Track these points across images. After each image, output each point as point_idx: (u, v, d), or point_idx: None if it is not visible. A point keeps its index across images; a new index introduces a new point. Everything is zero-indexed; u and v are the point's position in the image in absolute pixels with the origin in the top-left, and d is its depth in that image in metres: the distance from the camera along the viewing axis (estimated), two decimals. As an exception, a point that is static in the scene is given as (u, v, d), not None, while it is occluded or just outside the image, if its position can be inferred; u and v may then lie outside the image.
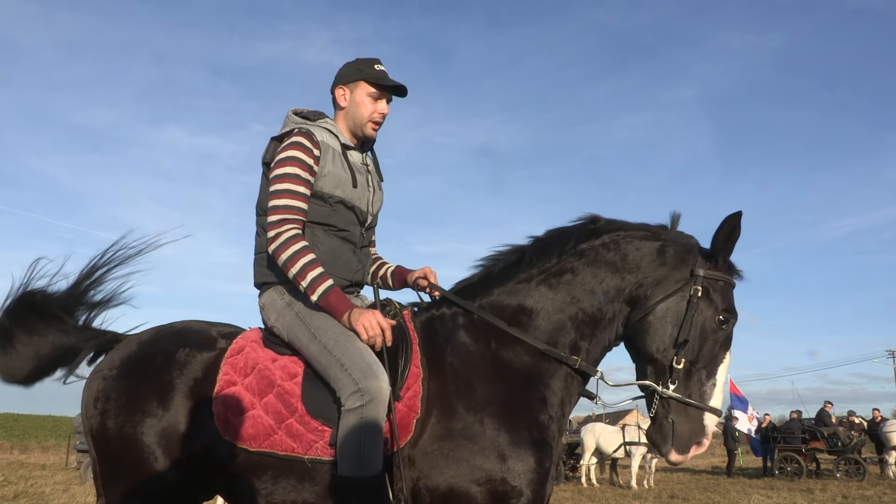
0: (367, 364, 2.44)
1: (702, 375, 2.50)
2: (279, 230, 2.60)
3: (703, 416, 2.47)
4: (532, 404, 2.53)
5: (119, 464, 2.64)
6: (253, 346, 2.72)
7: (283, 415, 2.53)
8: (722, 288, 2.57)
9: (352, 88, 2.86)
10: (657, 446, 2.51)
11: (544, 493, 2.48)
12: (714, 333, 2.52)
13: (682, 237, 2.67)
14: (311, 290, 2.56)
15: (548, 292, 2.64)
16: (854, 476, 17.14)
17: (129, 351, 2.81)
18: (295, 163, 2.64)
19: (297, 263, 2.56)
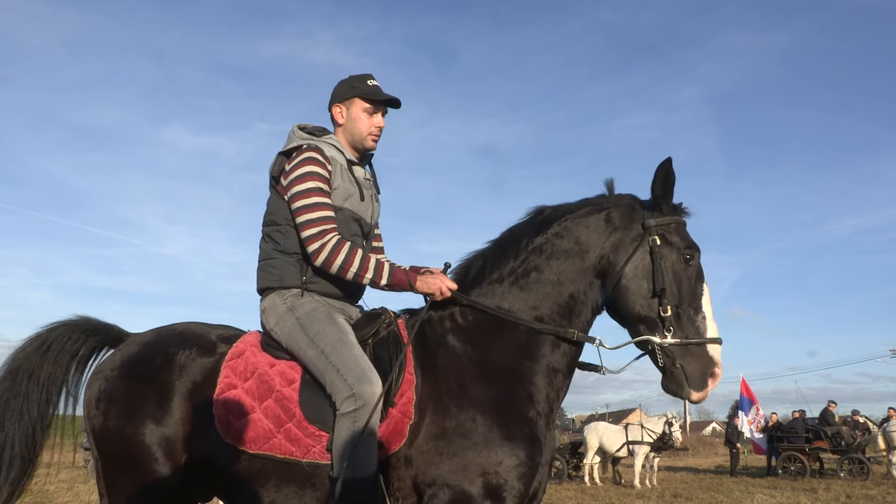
0: (361, 370, 2.54)
1: (690, 314, 2.60)
2: (323, 241, 2.70)
3: (706, 350, 2.56)
4: (520, 401, 2.63)
5: (120, 464, 2.71)
6: (252, 351, 2.80)
7: (281, 419, 2.62)
8: (676, 229, 2.70)
9: (348, 106, 2.98)
10: (676, 394, 2.58)
11: (532, 485, 2.58)
12: (685, 272, 2.64)
13: (622, 198, 2.82)
14: (378, 278, 2.73)
15: (521, 294, 2.75)
16: (858, 476, 17.07)
17: (131, 352, 2.87)
18: (317, 177, 2.76)
19: (353, 263, 2.70)
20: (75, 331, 3.00)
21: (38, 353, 2.90)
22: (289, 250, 2.81)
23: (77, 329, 3.01)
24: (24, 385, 2.86)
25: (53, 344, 2.93)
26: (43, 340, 2.94)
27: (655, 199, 2.72)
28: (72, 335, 2.97)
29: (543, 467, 2.64)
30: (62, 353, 2.92)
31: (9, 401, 2.86)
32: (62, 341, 2.94)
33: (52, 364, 2.90)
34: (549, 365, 2.69)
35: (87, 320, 3.07)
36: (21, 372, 2.88)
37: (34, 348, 2.92)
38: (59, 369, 2.91)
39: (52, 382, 2.89)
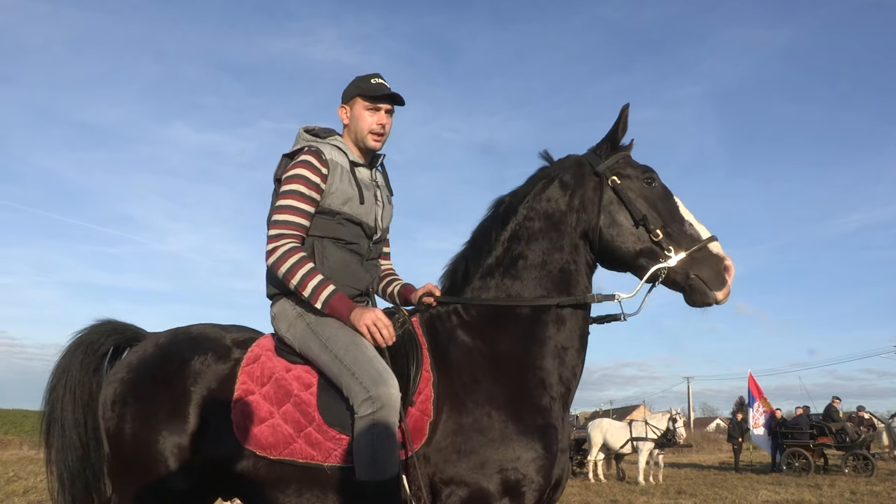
0: (377, 371, 2.52)
1: (677, 227, 2.68)
2: (276, 244, 2.71)
3: (709, 250, 2.63)
4: (533, 391, 2.63)
5: (133, 466, 2.71)
6: (268, 356, 2.80)
7: (301, 424, 2.61)
8: (627, 162, 2.80)
9: (351, 105, 2.98)
10: (703, 304, 2.62)
11: (552, 475, 2.58)
12: (654, 193, 2.73)
13: (565, 161, 2.89)
14: (314, 299, 2.67)
15: (513, 283, 2.77)
16: (862, 472, 17.07)
17: (147, 355, 2.88)
18: (300, 180, 2.75)
19: (296, 274, 2.67)
20: (98, 333, 3.02)
21: (70, 363, 2.94)
22: None
23: (98, 331, 3.03)
24: (62, 395, 2.90)
25: (79, 351, 2.96)
26: (74, 348, 2.98)
27: (609, 141, 2.80)
28: (97, 338, 3.00)
29: (563, 453, 2.63)
30: (88, 358, 2.95)
31: (53, 418, 2.90)
32: (88, 347, 2.97)
33: (82, 370, 2.92)
34: (556, 345, 2.69)
35: (108, 322, 3.09)
36: (58, 386, 2.92)
37: (67, 357, 2.97)
38: (87, 375, 2.93)
39: (84, 391, 2.91)
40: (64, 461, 2.85)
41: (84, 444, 2.87)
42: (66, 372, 2.93)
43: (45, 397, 2.95)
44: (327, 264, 2.77)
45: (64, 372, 2.93)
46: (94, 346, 2.97)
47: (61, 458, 2.86)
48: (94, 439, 2.89)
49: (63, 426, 2.86)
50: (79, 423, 2.87)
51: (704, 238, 2.65)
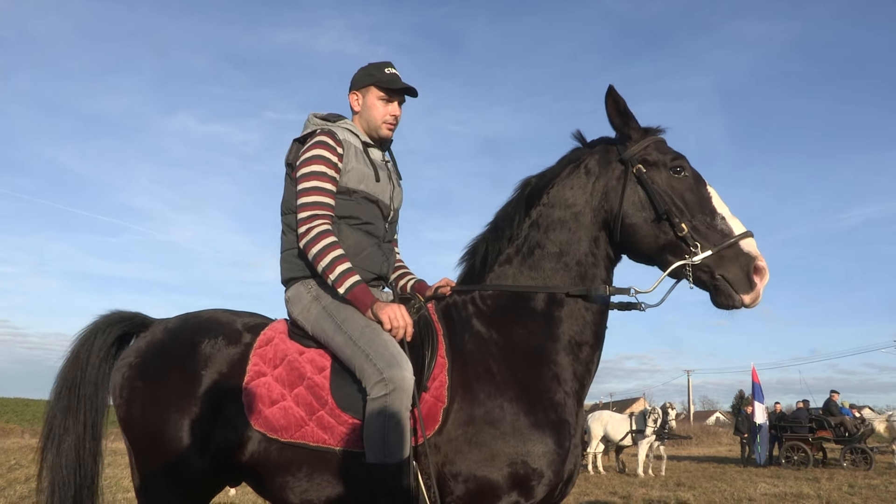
0: (391, 354, 2.49)
1: (707, 221, 2.49)
2: (310, 225, 2.68)
3: (740, 248, 2.44)
4: (547, 384, 2.57)
5: (146, 449, 2.73)
6: (282, 338, 2.78)
7: (314, 407, 2.59)
8: (655, 148, 2.62)
9: (364, 93, 2.96)
10: (728, 306, 2.43)
11: (564, 471, 2.53)
12: (682, 183, 2.56)
13: (594, 145, 2.76)
14: (339, 283, 2.64)
15: (531, 273, 2.70)
16: (860, 465, 17.14)
17: (156, 339, 2.87)
18: (321, 161, 2.73)
19: (326, 257, 2.64)
20: (104, 324, 3.01)
21: (76, 360, 2.92)
22: None
23: (105, 322, 3.02)
24: (67, 397, 2.88)
25: (85, 346, 2.94)
26: (80, 345, 2.95)
27: (618, 129, 2.67)
28: (103, 329, 2.98)
29: (576, 448, 2.58)
30: (95, 352, 2.93)
31: (56, 419, 2.87)
32: (94, 340, 2.95)
33: (89, 365, 2.90)
34: (571, 340, 2.62)
35: (114, 312, 3.08)
36: (63, 386, 2.90)
37: (74, 355, 2.94)
38: (94, 369, 2.91)
39: (90, 385, 2.89)
40: (57, 468, 2.81)
41: (79, 448, 2.84)
42: (74, 368, 2.90)
43: (50, 404, 2.92)
44: (343, 247, 2.73)
45: (71, 368, 2.91)
46: (101, 337, 2.96)
47: (56, 465, 2.82)
48: (91, 439, 2.86)
49: (64, 428, 2.83)
50: (80, 423, 2.84)
51: (737, 234, 2.45)
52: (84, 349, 2.93)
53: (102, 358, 2.94)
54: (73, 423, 2.84)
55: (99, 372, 2.91)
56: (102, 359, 2.93)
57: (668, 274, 2.53)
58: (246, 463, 2.67)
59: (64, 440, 2.83)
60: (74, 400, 2.87)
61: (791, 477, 14.71)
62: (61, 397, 2.89)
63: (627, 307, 2.72)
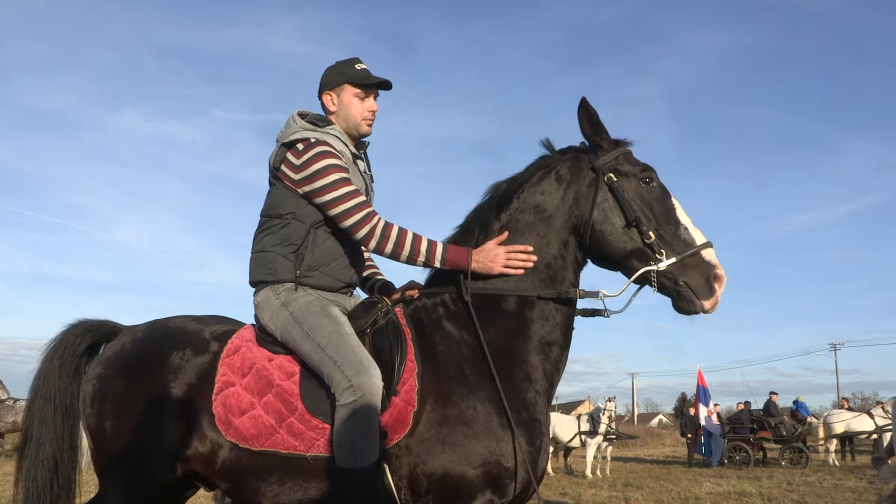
0: (359, 361, 2.51)
1: (671, 230, 2.63)
2: (370, 224, 2.68)
3: (702, 257, 2.59)
4: (519, 384, 2.62)
5: (116, 461, 2.71)
6: (248, 346, 2.77)
7: (283, 414, 2.59)
8: (624, 159, 2.74)
9: (338, 92, 2.93)
10: (689, 312, 2.57)
11: (537, 468, 2.59)
12: (650, 193, 2.69)
13: (565, 152, 2.86)
14: (431, 261, 2.68)
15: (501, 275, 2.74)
16: (798, 464, 17.80)
17: (124, 350, 2.84)
18: (340, 169, 2.73)
19: (404, 246, 2.68)
20: (72, 335, 2.99)
21: (48, 371, 2.92)
22: (287, 244, 2.76)
23: (73, 332, 3.00)
24: (40, 409, 2.87)
25: (55, 358, 2.93)
26: (50, 356, 2.94)
27: (590, 139, 2.77)
28: (72, 341, 2.96)
29: (546, 446, 2.65)
30: (66, 363, 2.92)
31: (29, 435, 2.86)
32: (63, 350, 2.94)
33: (60, 377, 2.89)
34: (542, 340, 2.70)
35: (82, 321, 3.06)
36: (37, 398, 2.89)
37: (44, 367, 2.93)
38: (67, 379, 2.90)
39: (65, 396, 2.88)
40: (33, 478, 2.81)
41: (57, 458, 2.83)
42: (45, 380, 2.90)
43: (25, 413, 2.92)
44: (317, 253, 2.75)
45: (43, 381, 2.90)
46: (71, 348, 2.94)
47: (31, 474, 2.81)
48: (68, 450, 2.86)
49: (39, 441, 2.82)
50: (57, 434, 2.84)
51: (699, 244, 2.60)
52: (55, 360, 2.91)
53: (74, 369, 2.92)
54: (50, 435, 2.83)
55: (72, 382, 2.90)
56: (74, 369, 2.92)
57: (633, 280, 2.63)
58: (218, 470, 2.66)
59: (41, 451, 2.81)
60: (49, 411, 2.85)
61: (734, 476, 15.14)
62: (35, 409, 2.87)
63: (592, 314, 2.81)
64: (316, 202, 2.73)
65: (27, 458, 2.84)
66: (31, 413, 2.89)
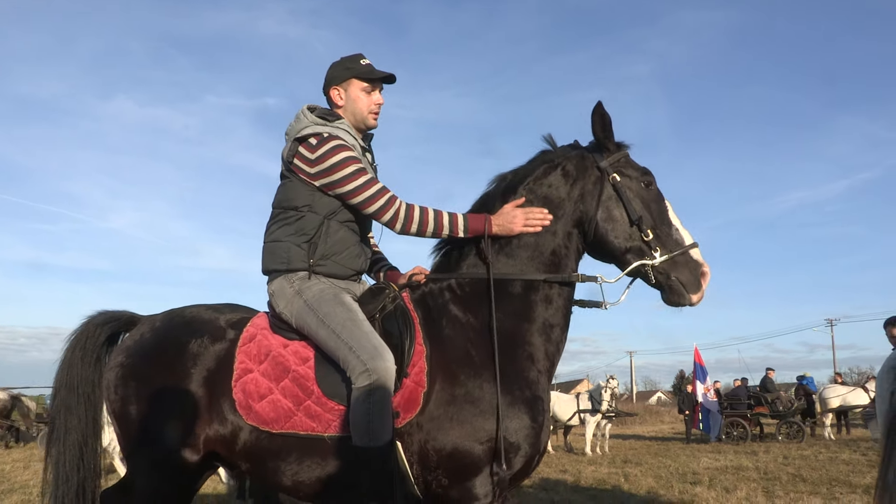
0: (373, 346, 2.66)
1: (665, 230, 2.86)
2: (394, 206, 2.84)
3: (690, 255, 2.83)
4: (521, 364, 2.79)
5: (141, 443, 2.86)
6: (264, 334, 2.91)
7: (300, 397, 2.74)
8: (627, 162, 2.95)
9: (345, 87, 3.04)
10: (678, 304, 2.82)
11: (539, 444, 2.75)
12: (649, 195, 2.91)
13: (569, 150, 3.02)
14: (455, 231, 2.85)
15: (508, 261, 2.91)
16: (794, 438, 18.10)
17: (145, 340, 2.98)
18: (355, 160, 2.86)
19: (428, 223, 2.85)
20: (92, 325, 3.12)
21: (71, 362, 3.05)
22: (301, 234, 2.88)
23: (93, 324, 3.13)
24: (65, 397, 3.01)
25: (77, 348, 3.07)
26: (72, 347, 3.08)
27: (599, 141, 2.94)
28: (93, 332, 3.10)
29: (547, 422, 2.82)
30: (87, 352, 3.05)
31: (58, 417, 3.01)
32: (85, 342, 3.07)
33: (83, 366, 3.03)
34: (545, 322, 2.86)
35: (101, 313, 3.20)
36: (61, 387, 3.03)
37: (67, 357, 3.07)
38: (89, 368, 3.04)
39: (87, 385, 3.02)
40: (62, 462, 2.95)
41: (82, 443, 2.98)
42: (68, 370, 3.03)
43: (51, 403, 3.07)
44: (329, 242, 2.89)
45: (66, 371, 3.04)
46: (92, 339, 3.08)
47: (60, 459, 2.96)
48: (92, 435, 3.01)
49: (66, 428, 2.97)
50: (81, 420, 2.99)
51: (687, 244, 2.83)
52: (77, 350, 3.05)
53: (96, 358, 3.06)
54: (75, 422, 2.97)
55: (94, 371, 3.04)
56: (96, 359, 3.06)
57: (629, 273, 2.84)
58: (239, 451, 2.81)
59: (68, 437, 2.96)
60: (73, 399, 2.99)
61: (731, 451, 15.38)
62: (60, 398, 3.01)
63: (588, 305, 3.00)
64: (335, 192, 2.86)
65: (55, 444, 2.98)
66: (56, 401, 3.03)
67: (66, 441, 2.96)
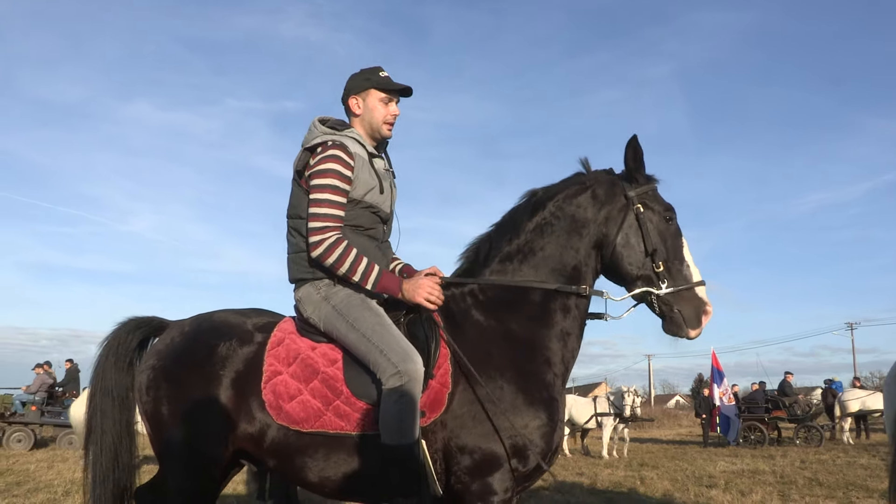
0: (402, 349, 2.80)
1: (677, 265, 2.99)
2: (323, 236, 2.93)
3: (696, 293, 2.96)
4: (539, 367, 2.95)
5: (173, 443, 3.00)
6: (292, 338, 3.06)
7: (329, 398, 2.89)
8: (654, 196, 3.08)
9: (364, 97, 3.19)
10: (676, 335, 2.96)
11: (554, 442, 2.91)
12: (668, 230, 3.03)
13: (602, 175, 3.15)
14: (364, 281, 2.94)
15: (530, 270, 3.05)
16: (812, 442, 18.02)
17: (175, 343, 3.13)
18: (335, 175, 2.97)
19: (345, 262, 2.92)
20: (124, 331, 3.28)
21: (105, 367, 3.20)
22: None
23: (125, 330, 3.29)
24: (100, 402, 3.16)
25: (110, 354, 3.22)
26: (105, 353, 3.23)
27: (630, 171, 3.08)
28: (125, 338, 3.25)
29: (561, 422, 2.98)
30: (120, 358, 3.21)
31: (93, 426, 3.15)
32: (118, 347, 3.22)
33: (116, 371, 3.18)
34: (562, 330, 3.02)
35: (132, 319, 3.35)
36: (97, 392, 3.18)
37: (101, 363, 3.23)
38: (122, 373, 3.19)
39: (121, 389, 3.18)
40: (99, 463, 3.10)
41: (117, 444, 3.13)
42: (103, 375, 3.18)
43: (87, 406, 3.21)
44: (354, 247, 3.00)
45: (101, 376, 3.19)
46: (124, 344, 3.23)
47: (98, 460, 3.11)
48: (126, 436, 3.16)
49: (102, 430, 3.12)
50: (116, 422, 3.14)
51: (694, 281, 2.96)
52: (111, 356, 3.21)
53: (128, 363, 3.21)
54: (110, 424, 3.13)
55: (126, 375, 3.19)
56: (128, 364, 3.21)
57: (635, 296, 3.00)
58: (267, 449, 2.96)
59: (104, 438, 3.11)
60: (108, 403, 3.15)
61: (748, 455, 15.36)
62: (96, 401, 3.17)
63: (594, 317, 3.15)
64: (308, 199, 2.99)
65: (92, 445, 3.14)
66: (92, 405, 3.19)
67: (102, 443, 3.11)
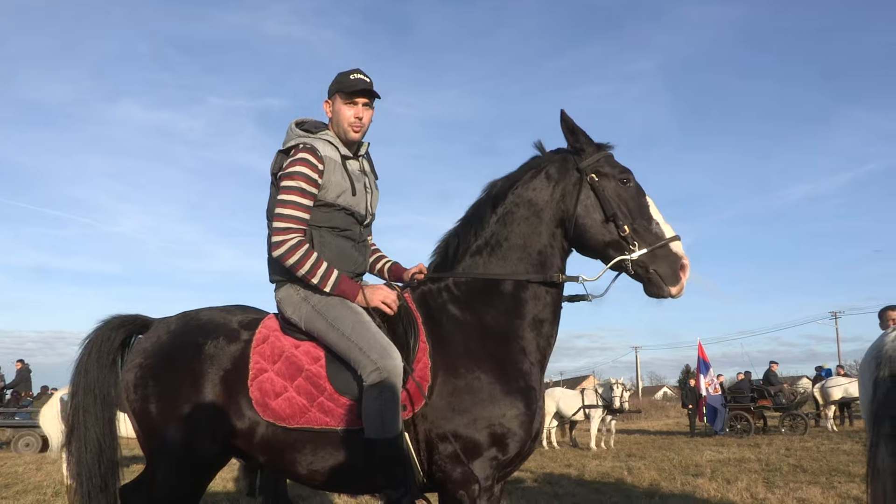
0: (381, 346, 2.87)
1: (644, 225, 2.98)
2: (284, 237, 2.99)
3: (670, 248, 2.94)
4: (515, 357, 3.00)
5: (161, 440, 3.02)
6: (276, 336, 3.10)
7: (313, 395, 2.94)
8: (605, 161, 3.08)
9: (333, 101, 3.25)
10: (658, 296, 2.94)
11: (532, 430, 2.96)
12: (627, 192, 3.03)
13: (552, 155, 3.20)
14: (323, 284, 2.99)
15: (499, 262, 3.11)
16: (797, 430, 18.26)
17: (162, 342, 3.14)
18: (300, 177, 3.01)
19: (305, 265, 2.97)
20: (107, 329, 3.26)
21: (87, 365, 3.17)
22: None
23: (108, 327, 3.27)
24: (83, 399, 3.14)
25: (93, 351, 3.20)
26: (88, 350, 3.21)
27: (572, 145, 3.12)
28: (108, 336, 3.23)
29: (540, 410, 3.02)
30: (103, 355, 3.19)
31: (76, 423, 3.14)
32: (101, 345, 3.21)
33: (99, 369, 3.17)
34: (534, 318, 3.05)
35: (115, 316, 3.33)
36: (79, 389, 3.16)
37: (83, 360, 3.20)
38: (105, 371, 3.17)
39: (104, 386, 3.16)
40: (84, 460, 3.10)
41: (101, 441, 3.12)
42: (85, 373, 3.17)
43: (69, 403, 3.20)
44: (326, 251, 3.07)
45: (83, 373, 3.17)
46: (107, 342, 3.21)
47: (81, 457, 3.10)
48: (109, 434, 3.14)
49: (85, 427, 3.11)
50: (99, 419, 3.12)
51: (667, 237, 2.94)
52: (93, 354, 3.19)
53: (111, 361, 3.20)
54: (93, 420, 3.12)
55: (109, 373, 3.18)
56: (111, 362, 3.20)
57: (611, 266, 3.00)
58: (256, 445, 3.01)
59: (87, 435, 3.11)
60: (90, 400, 3.14)
61: (734, 444, 15.55)
62: (79, 398, 3.16)
63: (575, 299, 3.18)
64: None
65: (76, 442, 3.14)
66: (74, 402, 3.18)
67: (86, 438, 3.11)
